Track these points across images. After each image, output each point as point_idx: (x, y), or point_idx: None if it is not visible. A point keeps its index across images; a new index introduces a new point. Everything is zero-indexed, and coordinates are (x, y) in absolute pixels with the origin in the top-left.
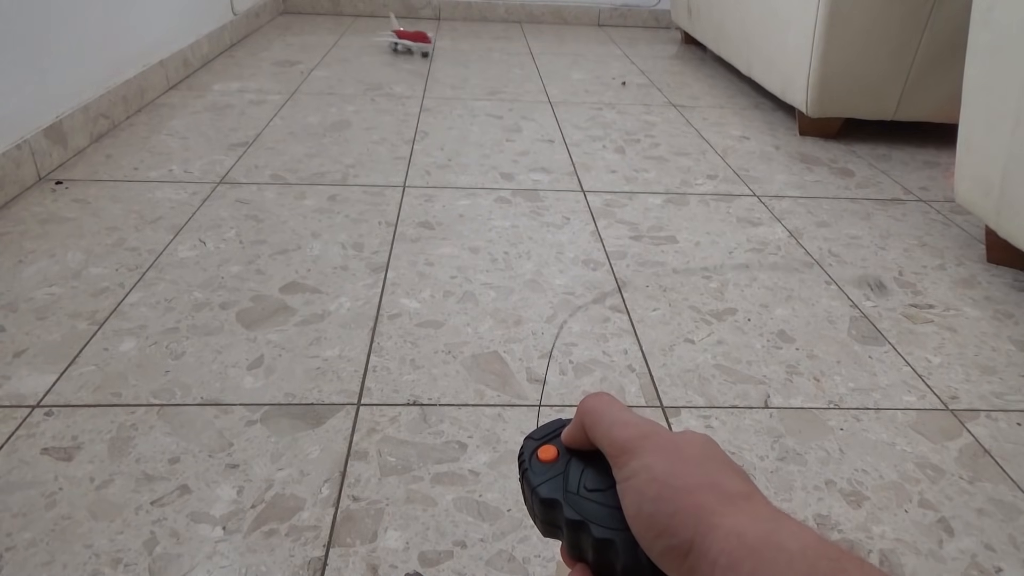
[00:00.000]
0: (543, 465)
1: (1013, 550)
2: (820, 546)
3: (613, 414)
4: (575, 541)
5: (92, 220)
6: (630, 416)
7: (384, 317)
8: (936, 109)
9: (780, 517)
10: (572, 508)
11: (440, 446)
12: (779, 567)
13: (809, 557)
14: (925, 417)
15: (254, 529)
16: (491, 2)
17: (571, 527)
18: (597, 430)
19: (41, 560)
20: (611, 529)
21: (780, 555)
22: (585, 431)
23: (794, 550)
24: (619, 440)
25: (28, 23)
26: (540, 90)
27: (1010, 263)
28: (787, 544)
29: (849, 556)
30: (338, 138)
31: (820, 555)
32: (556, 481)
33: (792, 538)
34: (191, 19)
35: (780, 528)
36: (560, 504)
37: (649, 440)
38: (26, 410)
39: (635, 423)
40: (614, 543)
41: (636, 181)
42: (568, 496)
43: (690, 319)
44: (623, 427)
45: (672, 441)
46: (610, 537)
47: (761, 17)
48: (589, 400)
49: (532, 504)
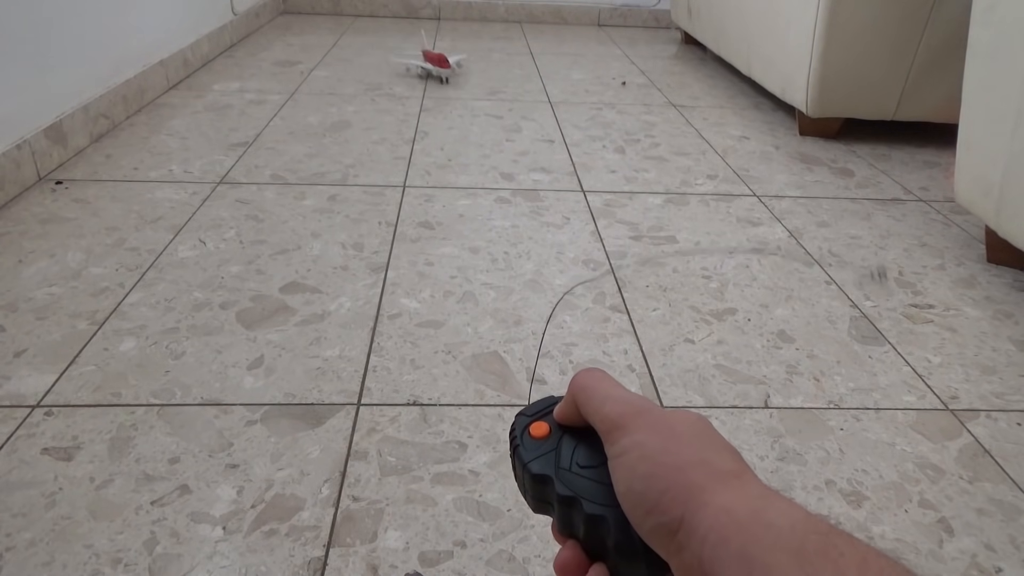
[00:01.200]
0: (535, 441)
1: (1013, 550)
2: (809, 522)
3: (605, 390)
4: (566, 517)
5: (92, 220)
6: (622, 392)
7: (384, 317)
8: (936, 109)
9: (770, 495)
10: (564, 484)
11: (440, 446)
12: (768, 543)
13: (798, 532)
14: (925, 417)
15: (254, 529)
16: (491, 2)
17: (562, 503)
18: (589, 406)
19: (41, 560)
20: (603, 505)
21: (769, 531)
22: (577, 407)
23: (783, 526)
24: (611, 416)
25: (28, 23)
26: (540, 90)
27: (1010, 263)
28: (776, 521)
29: (838, 532)
30: (338, 138)
31: (809, 530)
32: (548, 457)
33: (781, 515)
34: (191, 19)
35: (770, 505)
36: (552, 480)
37: (641, 417)
38: (26, 410)
39: (627, 399)
40: (605, 519)
41: (636, 181)
42: (560, 472)
43: (690, 319)
44: (615, 403)
45: (664, 418)
46: (601, 513)
47: (761, 17)
48: (581, 376)
49: (523, 480)
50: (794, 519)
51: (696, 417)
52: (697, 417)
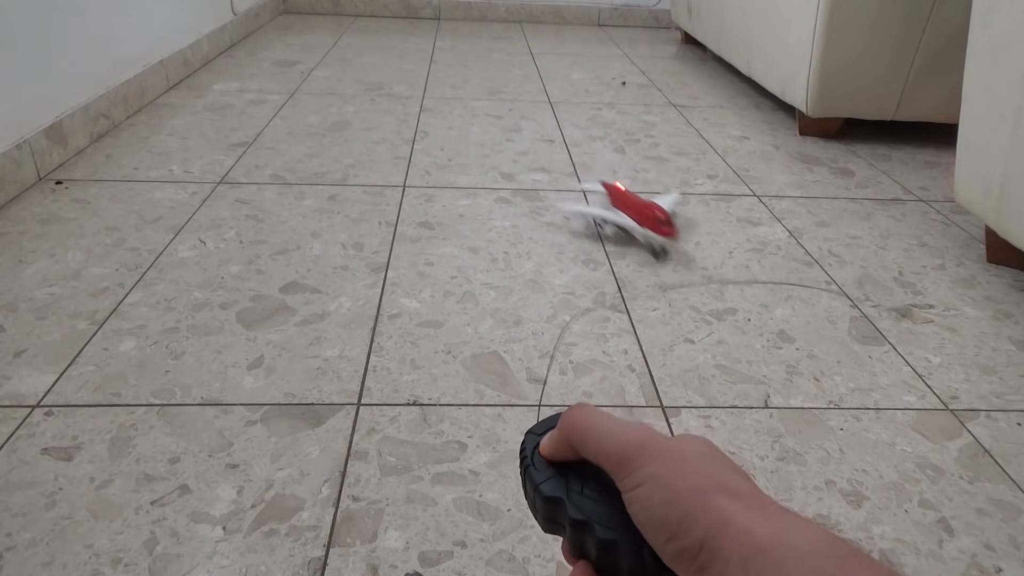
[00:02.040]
0: (545, 461)
1: (1013, 550)
2: (829, 544)
3: (601, 428)
4: (578, 540)
5: (92, 220)
6: (619, 426)
7: (384, 317)
8: (936, 109)
9: (788, 516)
10: (576, 507)
11: (440, 446)
12: (789, 565)
13: (818, 555)
14: (925, 417)
15: (254, 529)
16: (491, 2)
17: (575, 526)
18: (588, 448)
19: (41, 560)
20: (615, 530)
21: (790, 553)
22: (571, 446)
23: (803, 548)
24: (616, 455)
25: (28, 23)
26: (540, 90)
27: (1010, 263)
28: (796, 542)
29: (858, 555)
30: (338, 138)
31: (829, 554)
32: (559, 479)
33: (801, 536)
34: (191, 19)
35: (790, 527)
36: (564, 503)
37: (647, 449)
38: (26, 410)
39: (626, 434)
40: (618, 543)
41: (636, 181)
42: (572, 495)
43: (690, 319)
44: (616, 441)
45: (671, 445)
46: (614, 538)
47: (761, 17)
48: (571, 416)
49: (534, 501)
50: (814, 541)
51: (702, 440)
52: (703, 440)
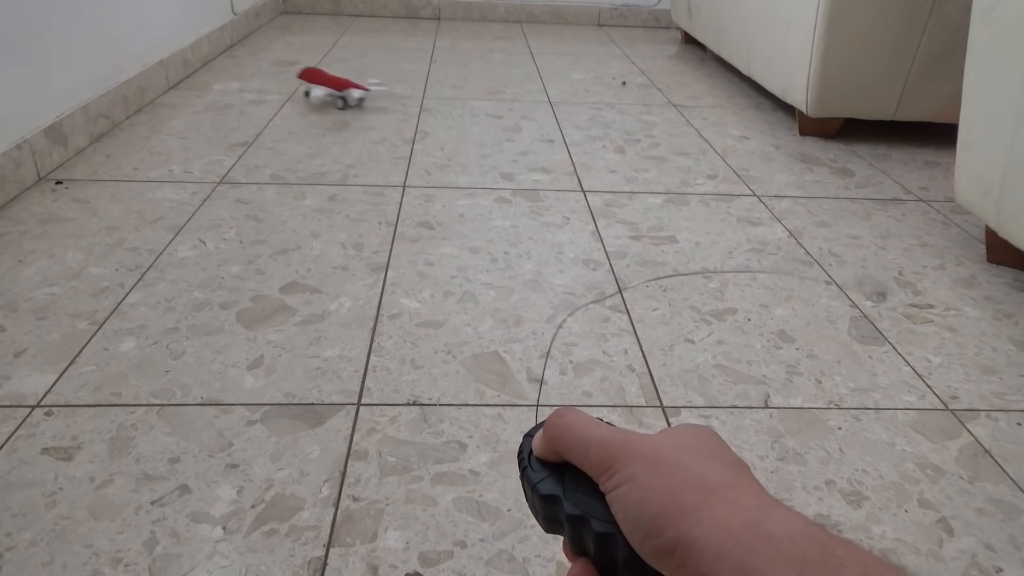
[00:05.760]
0: (542, 462)
1: (1013, 550)
2: (808, 531)
3: (584, 435)
4: (577, 536)
5: (92, 220)
6: (601, 431)
7: (384, 317)
8: (936, 109)
9: (767, 505)
10: (572, 504)
11: (440, 446)
12: (767, 555)
13: (798, 542)
14: (925, 417)
15: (254, 529)
16: (491, 2)
17: (572, 522)
18: (572, 455)
19: (41, 560)
20: (611, 523)
21: (768, 543)
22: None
23: (782, 537)
24: (598, 461)
25: (28, 23)
26: (540, 90)
27: (1010, 263)
28: (775, 532)
29: (837, 540)
30: (338, 138)
31: (808, 540)
32: (555, 477)
33: (780, 525)
34: (191, 19)
35: (767, 516)
36: (560, 500)
37: (626, 452)
38: (26, 410)
39: (607, 440)
40: (614, 536)
41: (636, 181)
42: (568, 492)
43: (690, 319)
44: (598, 447)
45: (651, 446)
46: (610, 531)
47: (761, 17)
48: (553, 423)
49: (533, 501)
50: (793, 529)
51: (695, 431)
52: (696, 431)
